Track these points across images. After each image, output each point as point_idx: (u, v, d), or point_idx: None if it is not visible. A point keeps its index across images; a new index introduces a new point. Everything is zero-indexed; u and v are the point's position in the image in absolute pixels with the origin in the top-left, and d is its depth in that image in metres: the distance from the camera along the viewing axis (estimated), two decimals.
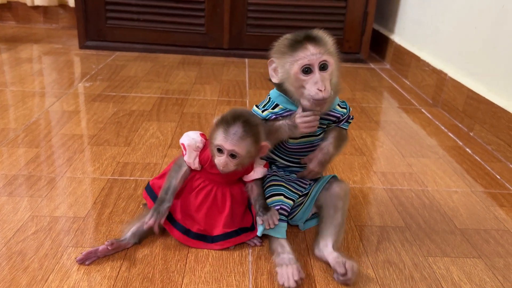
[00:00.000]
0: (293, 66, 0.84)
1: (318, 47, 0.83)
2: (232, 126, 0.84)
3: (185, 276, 0.83)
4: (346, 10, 2.39)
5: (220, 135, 0.85)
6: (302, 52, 0.83)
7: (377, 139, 1.50)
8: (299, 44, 0.84)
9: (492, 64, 1.54)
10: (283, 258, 0.86)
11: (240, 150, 0.84)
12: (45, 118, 1.50)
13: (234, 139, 0.84)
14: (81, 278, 0.81)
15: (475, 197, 1.17)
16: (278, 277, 0.82)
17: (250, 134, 0.85)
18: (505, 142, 1.40)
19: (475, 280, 0.86)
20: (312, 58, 0.83)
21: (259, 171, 0.95)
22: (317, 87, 0.83)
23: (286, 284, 0.80)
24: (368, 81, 2.17)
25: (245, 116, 0.86)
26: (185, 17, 2.41)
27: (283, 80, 0.88)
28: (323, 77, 0.83)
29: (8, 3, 2.92)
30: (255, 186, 0.95)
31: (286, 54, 0.85)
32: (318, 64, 0.83)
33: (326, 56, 0.84)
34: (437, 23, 1.98)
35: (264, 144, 0.88)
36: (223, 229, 0.93)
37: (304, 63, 0.83)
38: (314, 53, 0.83)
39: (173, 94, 1.82)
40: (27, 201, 1.03)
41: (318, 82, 0.83)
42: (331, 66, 0.85)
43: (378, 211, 1.08)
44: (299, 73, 0.84)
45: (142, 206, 1.04)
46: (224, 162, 0.85)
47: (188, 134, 0.93)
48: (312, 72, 0.84)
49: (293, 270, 0.82)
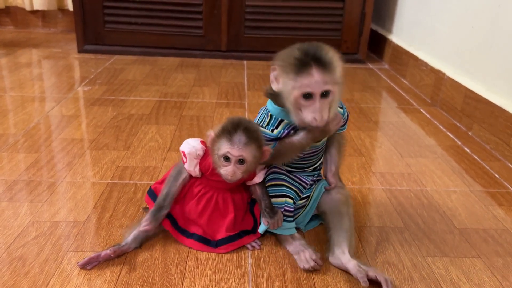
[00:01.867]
0: (294, 91, 0.81)
1: (323, 74, 0.79)
2: (235, 135, 0.85)
3: (185, 280, 0.83)
4: (343, 11, 2.40)
5: (224, 144, 0.85)
6: (306, 78, 0.79)
7: (376, 140, 1.51)
8: (305, 67, 0.79)
9: (489, 63, 1.55)
10: (296, 245, 0.91)
11: (247, 155, 0.85)
12: (44, 123, 1.51)
13: (240, 146, 0.85)
14: (81, 283, 0.81)
15: (474, 196, 1.18)
16: (298, 262, 0.88)
17: (253, 139, 0.86)
18: (503, 141, 1.40)
19: (474, 280, 0.87)
20: (315, 87, 0.79)
21: (261, 174, 0.95)
22: (314, 116, 0.81)
23: (306, 266, 0.86)
24: (366, 82, 2.18)
25: (244, 123, 0.87)
26: (183, 20, 2.41)
27: (282, 94, 0.86)
28: (322, 106, 0.81)
29: (6, 8, 2.93)
30: (257, 186, 0.96)
31: (290, 74, 0.81)
32: (320, 92, 0.80)
33: (330, 85, 0.80)
34: (434, 23, 1.98)
35: (266, 149, 0.89)
36: (225, 232, 0.93)
37: (306, 91, 0.80)
38: (318, 81, 0.79)
39: (171, 97, 1.82)
40: (27, 206, 1.03)
41: (316, 112, 0.81)
42: (333, 94, 0.82)
43: (377, 212, 1.09)
44: (300, 98, 0.81)
45: (142, 210, 1.04)
46: (232, 171, 0.86)
47: (189, 141, 0.94)
48: (312, 99, 0.81)
49: (310, 253, 0.88)
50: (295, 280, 0.85)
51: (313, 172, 0.99)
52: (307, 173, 0.98)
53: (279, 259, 0.90)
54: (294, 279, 0.85)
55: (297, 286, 0.83)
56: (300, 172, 0.98)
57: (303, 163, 0.97)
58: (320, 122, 0.82)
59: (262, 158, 0.90)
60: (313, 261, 0.86)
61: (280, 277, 0.85)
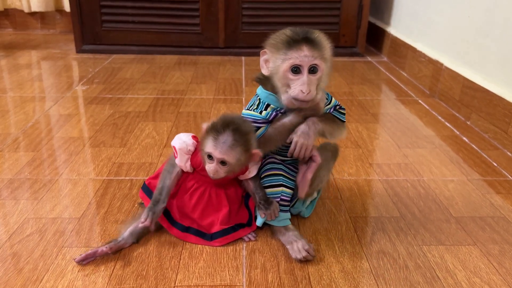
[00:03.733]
0: (284, 64, 0.84)
1: (313, 50, 0.84)
2: (222, 135, 0.84)
3: (179, 273, 0.83)
4: (341, 4, 2.39)
5: (210, 143, 0.84)
6: (295, 52, 0.84)
7: (374, 132, 1.50)
8: (296, 43, 0.84)
9: (486, 52, 1.54)
10: (289, 236, 0.91)
11: (229, 158, 0.84)
12: (42, 122, 1.51)
13: (224, 148, 0.83)
14: (75, 278, 0.81)
15: (471, 185, 1.17)
16: (290, 253, 0.88)
17: (240, 142, 0.84)
18: (501, 130, 1.39)
19: (469, 267, 0.86)
20: (303, 60, 0.83)
21: (254, 169, 0.95)
22: (301, 88, 0.83)
23: (299, 257, 0.86)
24: (365, 75, 2.17)
25: (235, 123, 0.85)
26: (180, 18, 2.41)
27: (272, 74, 0.88)
28: (310, 80, 0.84)
29: (5, 10, 2.94)
30: (250, 180, 0.95)
31: (281, 50, 0.85)
32: (309, 66, 0.84)
33: (318, 60, 0.84)
34: (431, 14, 1.97)
35: (255, 152, 0.87)
36: (220, 226, 0.93)
37: (295, 63, 0.84)
38: (307, 55, 0.83)
39: (169, 94, 1.82)
40: (23, 204, 1.04)
41: (304, 84, 0.83)
42: (321, 71, 0.85)
43: (373, 202, 1.08)
44: (288, 72, 0.84)
45: (137, 205, 1.04)
46: (214, 169, 0.86)
47: (180, 136, 0.93)
48: (301, 73, 0.84)
49: (303, 243, 0.88)
50: (289, 271, 0.84)
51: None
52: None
53: (273, 250, 0.90)
54: (288, 269, 0.85)
55: (291, 277, 0.83)
56: (292, 161, 0.98)
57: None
58: (308, 96, 0.83)
59: (249, 161, 0.89)
60: (305, 251, 0.86)
61: (274, 268, 0.85)
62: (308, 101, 0.85)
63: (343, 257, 0.88)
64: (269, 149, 0.95)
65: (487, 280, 0.83)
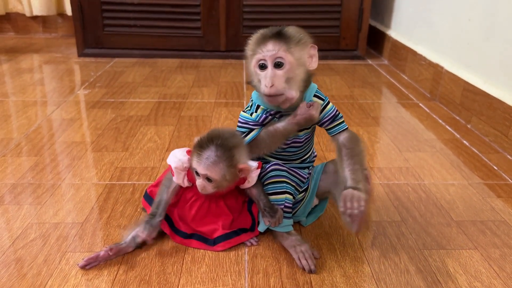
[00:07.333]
0: (252, 60, 0.86)
1: (278, 44, 0.83)
2: (205, 150, 0.84)
3: (181, 277, 0.84)
4: (341, 8, 2.39)
5: (194, 158, 0.85)
6: (261, 48, 0.85)
7: (374, 135, 1.51)
8: (264, 39, 0.85)
9: (486, 55, 1.54)
10: (292, 240, 0.91)
11: (213, 174, 0.84)
12: (45, 127, 1.52)
13: (206, 164, 0.83)
14: (79, 283, 0.82)
15: (472, 189, 1.17)
16: (293, 256, 0.89)
17: (223, 158, 0.83)
18: (502, 133, 1.40)
19: (470, 271, 0.87)
20: (266, 55, 0.84)
21: (254, 177, 0.93)
22: (265, 82, 0.84)
23: (303, 262, 0.86)
24: (366, 78, 2.17)
25: (220, 138, 0.84)
26: (181, 21, 2.42)
27: (251, 76, 0.90)
28: (274, 74, 0.83)
29: (7, 15, 2.95)
30: (252, 187, 0.94)
31: (250, 48, 0.87)
32: (272, 61, 0.84)
33: (283, 53, 0.83)
34: (432, 17, 1.98)
35: (243, 167, 0.86)
36: (222, 230, 0.93)
37: (259, 58, 0.85)
38: (270, 49, 0.83)
39: (170, 98, 1.83)
40: (27, 209, 1.05)
41: (267, 78, 0.84)
42: (288, 64, 0.84)
43: (374, 206, 1.09)
44: (256, 68, 0.86)
45: (141, 210, 1.05)
46: (201, 185, 0.86)
47: (175, 154, 0.92)
48: (267, 68, 0.85)
49: (305, 248, 0.88)
50: (291, 275, 0.85)
51: (301, 164, 0.99)
52: (303, 164, 0.99)
53: (275, 255, 0.91)
54: (290, 274, 0.85)
55: (293, 282, 0.83)
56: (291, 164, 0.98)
57: (287, 155, 0.97)
58: (272, 89, 0.83)
59: (237, 176, 0.88)
60: (310, 259, 0.86)
61: (277, 272, 0.86)
62: (274, 95, 0.84)
63: (344, 261, 0.89)
64: (261, 153, 0.95)
65: (488, 284, 0.84)
